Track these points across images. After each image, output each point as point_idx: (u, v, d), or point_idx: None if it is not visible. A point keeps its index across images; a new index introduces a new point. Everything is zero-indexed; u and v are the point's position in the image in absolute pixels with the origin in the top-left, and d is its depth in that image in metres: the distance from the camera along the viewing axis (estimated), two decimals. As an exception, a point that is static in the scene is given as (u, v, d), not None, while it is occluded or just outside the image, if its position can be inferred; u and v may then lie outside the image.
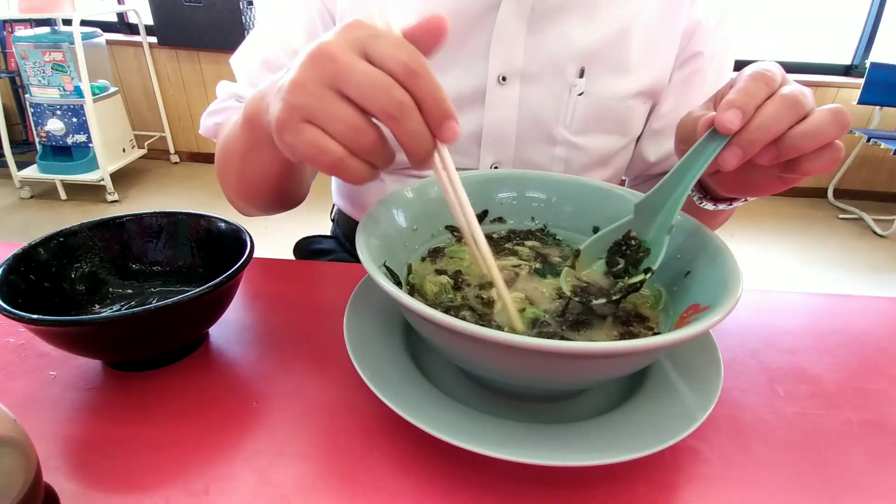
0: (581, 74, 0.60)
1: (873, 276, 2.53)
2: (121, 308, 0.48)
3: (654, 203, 0.43)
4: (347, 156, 0.33)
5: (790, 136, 0.36)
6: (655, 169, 0.70)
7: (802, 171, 0.38)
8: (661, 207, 0.42)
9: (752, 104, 0.36)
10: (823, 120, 0.36)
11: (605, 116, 0.63)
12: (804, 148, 0.36)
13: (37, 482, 0.27)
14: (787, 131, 0.36)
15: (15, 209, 2.76)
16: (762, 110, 0.36)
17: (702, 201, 0.50)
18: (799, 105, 0.36)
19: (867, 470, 0.39)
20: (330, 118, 0.33)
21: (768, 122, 0.36)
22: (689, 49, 0.63)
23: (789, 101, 0.36)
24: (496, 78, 0.60)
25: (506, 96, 0.61)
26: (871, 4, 3.06)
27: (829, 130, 0.36)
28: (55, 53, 2.60)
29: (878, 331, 0.55)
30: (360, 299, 0.46)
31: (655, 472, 0.37)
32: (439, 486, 0.35)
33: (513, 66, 0.60)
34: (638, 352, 0.32)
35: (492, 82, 0.60)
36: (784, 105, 0.36)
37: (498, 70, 0.59)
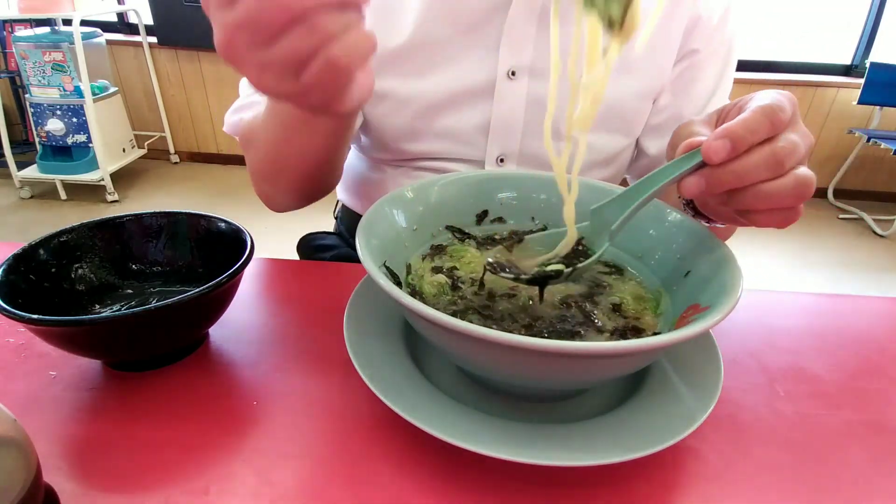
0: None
1: (873, 276, 2.53)
2: (121, 308, 0.48)
3: (610, 210, 0.42)
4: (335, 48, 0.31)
5: (747, 192, 0.35)
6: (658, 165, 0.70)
7: (752, 222, 0.38)
8: (614, 217, 0.41)
9: (747, 142, 0.35)
10: (783, 187, 0.35)
11: (609, 115, 0.64)
12: (752, 205, 0.36)
13: (37, 482, 0.27)
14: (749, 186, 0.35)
15: (15, 209, 2.76)
16: (746, 157, 0.35)
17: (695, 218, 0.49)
18: (780, 165, 0.35)
19: (867, 470, 0.39)
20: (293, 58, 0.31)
21: (744, 170, 0.35)
22: (687, 46, 0.63)
23: (776, 158, 0.35)
24: (506, 72, 0.61)
25: (514, 90, 0.62)
26: (871, 4, 3.06)
27: (784, 198, 0.35)
28: (55, 53, 2.60)
29: (878, 331, 0.55)
30: (360, 299, 0.46)
31: (655, 472, 0.37)
32: (439, 486, 0.35)
33: (522, 62, 0.60)
34: (638, 352, 0.32)
35: (501, 76, 0.61)
36: (769, 161, 0.35)
37: (507, 65, 0.60)
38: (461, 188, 0.52)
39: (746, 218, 0.38)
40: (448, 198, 0.50)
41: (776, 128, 0.35)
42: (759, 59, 3.07)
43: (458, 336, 0.32)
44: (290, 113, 0.52)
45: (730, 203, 0.37)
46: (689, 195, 0.37)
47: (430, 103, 0.63)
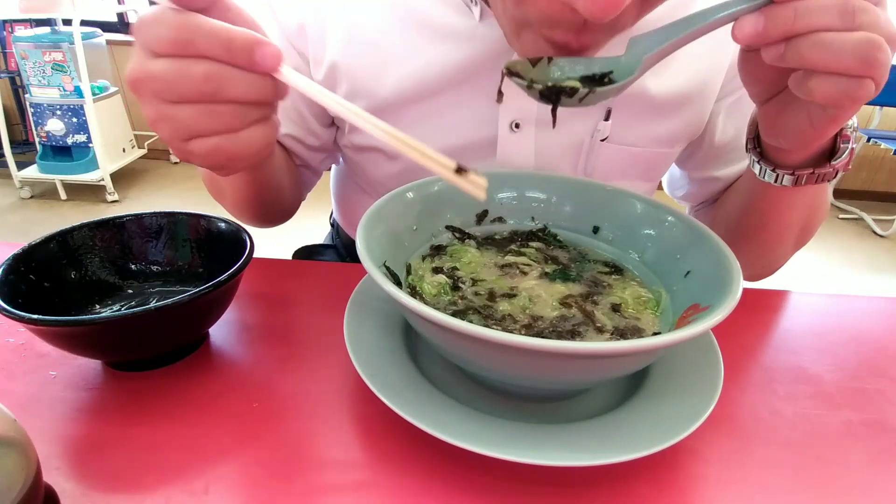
0: (606, 117, 0.55)
1: (873, 276, 2.53)
2: (121, 308, 0.48)
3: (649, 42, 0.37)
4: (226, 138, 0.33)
5: (806, 40, 0.31)
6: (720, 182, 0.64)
7: (807, 92, 0.33)
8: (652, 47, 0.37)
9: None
10: (847, 40, 0.30)
11: (631, 162, 0.59)
12: (811, 60, 0.31)
13: (37, 482, 0.27)
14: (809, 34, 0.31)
15: (15, 209, 2.76)
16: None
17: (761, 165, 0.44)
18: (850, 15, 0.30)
19: (867, 470, 0.39)
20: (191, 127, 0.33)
21: (810, 9, 0.31)
22: (736, 82, 0.55)
23: (847, 6, 0.30)
24: (508, 125, 0.56)
25: (519, 144, 0.57)
26: (871, 4, 3.05)
27: (847, 56, 0.30)
28: (55, 53, 2.60)
29: (878, 331, 0.55)
30: (360, 299, 0.46)
31: (655, 472, 0.37)
32: (439, 486, 0.35)
33: (527, 113, 0.55)
34: (638, 352, 0.32)
35: (503, 130, 0.56)
36: (838, 7, 0.30)
37: (510, 117, 0.55)
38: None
39: (805, 91, 0.33)
40: (448, 198, 0.50)
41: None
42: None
43: (458, 336, 0.32)
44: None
45: (785, 58, 0.33)
46: (744, 37, 0.33)
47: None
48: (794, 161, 0.44)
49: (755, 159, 0.46)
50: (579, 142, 0.57)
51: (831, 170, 0.44)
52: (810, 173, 0.44)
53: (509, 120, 0.56)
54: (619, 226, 0.51)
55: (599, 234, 0.51)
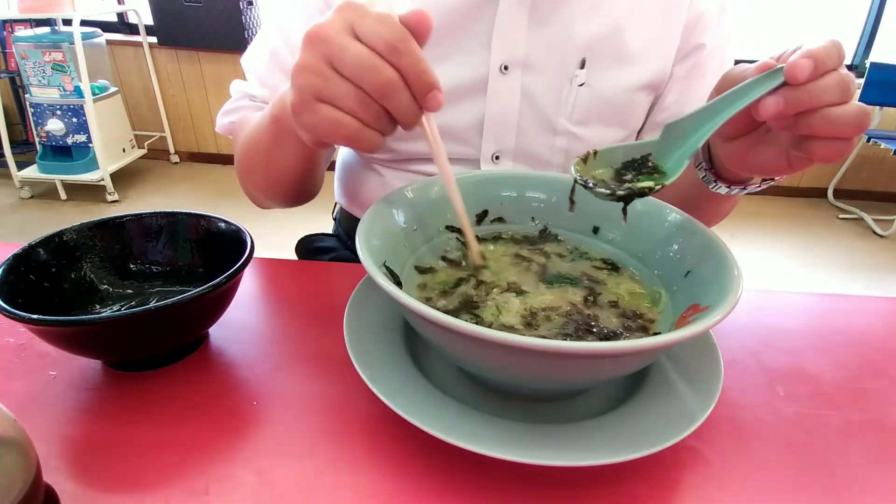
0: (582, 65, 0.61)
1: (873, 276, 2.52)
2: (121, 308, 0.48)
3: (685, 127, 0.41)
4: (361, 127, 0.36)
5: (818, 114, 0.36)
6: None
7: (808, 151, 0.38)
8: (690, 133, 0.41)
9: (825, 65, 0.36)
10: (848, 114, 0.36)
11: (606, 108, 0.64)
12: (818, 130, 0.37)
13: (37, 482, 0.27)
14: (819, 109, 0.36)
15: (15, 209, 2.76)
16: (823, 78, 0.36)
17: (716, 184, 0.50)
18: (847, 91, 0.36)
19: (867, 470, 0.39)
20: (337, 95, 0.36)
21: (820, 91, 0.36)
22: (692, 41, 0.63)
23: (844, 84, 0.36)
24: (498, 67, 0.60)
25: (508, 85, 0.61)
26: (871, 4, 3.06)
27: (847, 125, 0.36)
28: (55, 53, 2.60)
29: (878, 331, 0.55)
30: (360, 299, 0.46)
31: (655, 472, 0.37)
32: (439, 486, 0.35)
33: (514, 56, 0.60)
34: (638, 352, 0.32)
35: (494, 71, 0.60)
36: (840, 84, 0.36)
37: (500, 59, 0.60)
38: (461, 188, 0.51)
39: (803, 149, 0.39)
40: (448, 198, 0.50)
41: (839, 60, 0.37)
42: (758, 59, 3.06)
43: (458, 336, 0.32)
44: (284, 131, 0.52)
45: (795, 127, 0.38)
46: (767, 114, 0.37)
47: None
48: (743, 178, 0.49)
49: (711, 178, 0.50)
50: (559, 86, 0.62)
51: (774, 183, 0.49)
52: (758, 185, 0.49)
53: (499, 62, 0.60)
54: (619, 226, 0.50)
55: (599, 235, 0.52)
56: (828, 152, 0.38)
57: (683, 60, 0.64)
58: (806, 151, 0.39)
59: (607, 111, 0.64)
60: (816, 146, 0.38)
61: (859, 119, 0.36)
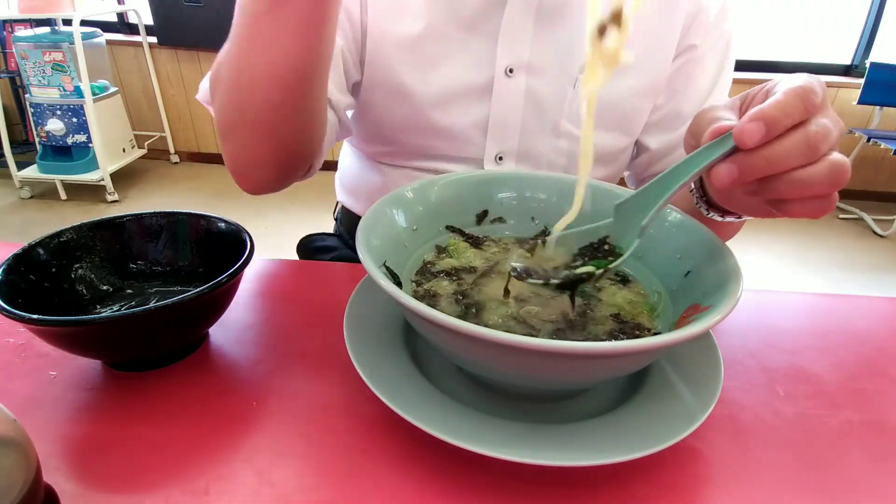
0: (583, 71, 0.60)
1: (873, 276, 2.53)
2: (121, 308, 0.48)
3: (635, 205, 0.40)
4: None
5: (781, 179, 0.33)
6: (660, 164, 0.70)
7: (785, 213, 0.36)
8: (641, 210, 0.39)
9: (781, 125, 0.32)
10: (818, 174, 0.33)
11: (608, 113, 0.64)
12: (785, 193, 0.34)
13: (37, 482, 0.27)
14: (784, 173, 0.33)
15: (15, 209, 2.76)
16: (780, 140, 0.33)
17: (709, 212, 0.48)
18: (815, 149, 0.33)
19: (867, 470, 0.39)
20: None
21: (778, 156, 0.33)
22: (684, 41, 0.63)
23: (810, 143, 0.32)
24: (504, 70, 0.61)
25: (512, 88, 0.62)
26: (871, 4, 3.06)
27: (818, 185, 0.33)
28: (55, 53, 2.60)
29: (878, 331, 0.55)
30: (360, 299, 0.46)
31: (655, 472, 0.37)
32: (439, 486, 0.35)
33: (520, 59, 0.61)
34: (638, 352, 0.32)
35: (499, 74, 0.61)
36: (804, 143, 0.32)
37: (505, 62, 0.61)
38: (461, 188, 0.52)
39: (778, 208, 0.36)
40: (448, 198, 0.50)
41: (809, 112, 0.33)
42: (759, 59, 3.07)
43: (458, 336, 0.32)
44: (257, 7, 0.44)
45: (761, 192, 0.35)
46: (721, 185, 0.34)
47: (429, 99, 0.63)
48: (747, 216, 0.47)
49: (705, 207, 0.48)
50: (563, 89, 0.63)
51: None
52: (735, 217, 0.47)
53: (505, 65, 0.61)
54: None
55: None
56: (807, 211, 0.35)
57: (676, 59, 0.64)
58: (784, 212, 0.36)
59: (609, 116, 0.64)
60: (793, 208, 0.35)
61: (833, 177, 0.33)
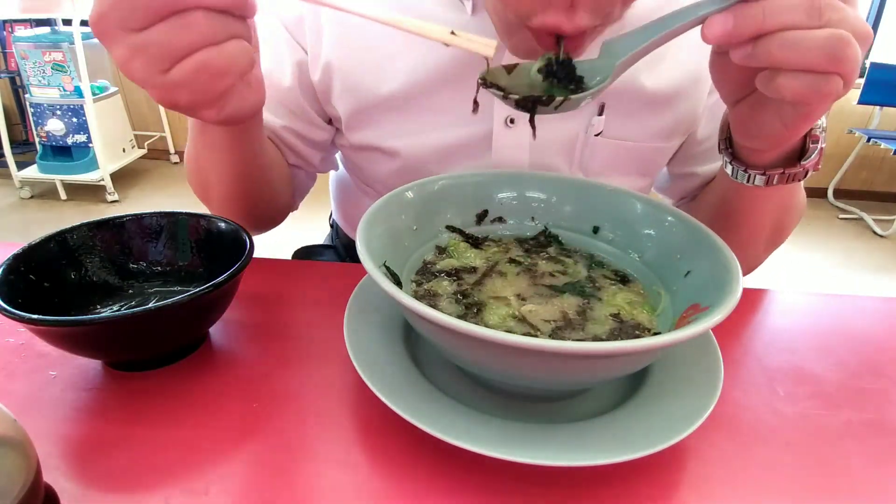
0: (600, 112, 0.56)
1: (873, 276, 2.53)
2: (121, 308, 0.48)
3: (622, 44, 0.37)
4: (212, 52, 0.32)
5: (773, 38, 0.31)
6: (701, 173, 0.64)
7: (775, 90, 0.33)
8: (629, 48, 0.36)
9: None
10: (814, 38, 0.30)
11: (626, 157, 0.59)
12: (776, 57, 0.31)
13: (37, 482, 0.27)
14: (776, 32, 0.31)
15: (15, 209, 2.76)
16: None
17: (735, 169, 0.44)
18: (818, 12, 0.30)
19: (867, 470, 0.39)
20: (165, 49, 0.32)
21: (776, 9, 0.31)
22: None
23: (814, 6, 0.30)
24: (503, 120, 0.56)
25: (514, 139, 0.57)
26: (871, 4, 3.06)
27: (813, 53, 0.30)
28: (55, 53, 2.60)
29: (878, 331, 0.55)
30: (360, 299, 0.46)
31: (655, 472, 0.37)
32: (439, 486, 0.35)
33: None
34: (638, 352, 0.32)
35: (498, 125, 0.56)
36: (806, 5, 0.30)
37: (505, 112, 0.55)
38: (461, 188, 0.52)
39: (773, 89, 0.33)
40: (448, 198, 0.50)
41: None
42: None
43: (458, 336, 0.32)
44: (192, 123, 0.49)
45: (753, 57, 0.32)
46: (714, 37, 0.33)
47: (421, 158, 0.59)
48: (766, 161, 0.45)
49: (727, 160, 0.46)
50: (573, 136, 0.57)
51: (801, 170, 0.44)
52: (781, 173, 0.44)
53: (504, 115, 0.56)
54: (619, 226, 0.50)
55: (599, 234, 0.51)
56: (798, 88, 0.32)
57: (713, 92, 0.58)
58: (774, 90, 0.33)
59: (627, 160, 0.59)
60: (783, 80, 0.32)
61: (830, 45, 0.30)
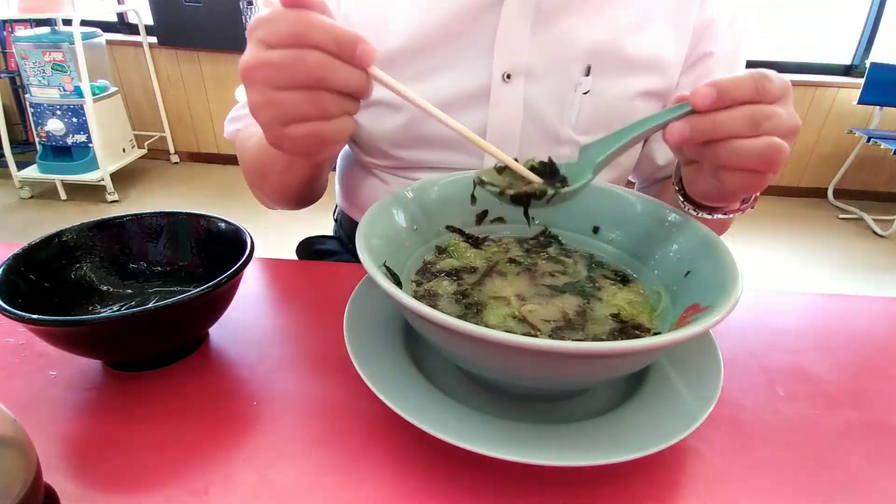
0: (587, 72, 0.60)
1: (873, 276, 2.53)
2: (121, 308, 0.48)
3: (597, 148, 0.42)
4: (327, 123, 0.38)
5: (720, 145, 0.37)
6: (664, 171, 0.70)
7: (720, 181, 0.40)
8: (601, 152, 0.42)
9: (731, 96, 0.37)
10: (753, 147, 0.37)
11: (611, 116, 0.62)
12: (724, 160, 0.38)
13: (37, 482, 0.27)
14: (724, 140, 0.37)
15: (15, 209, 2.76)
16: (728, 111, 0.37)
17: (696, 211, 0.49)
18: (756, 125, 0.37)
19: (867, 470, 0.39)
20: (291, 110, 0.37)
21: (724, 122, 0.37)
22: (699, 49, 0.62)
23: (753, 117, 0.37)
24: (501, 76, 0.59)
25: (510, 94, 0.60)
26: (871, 4, 3.06)
27: (752, 158, 0.37)
28: (55, 53, 2.60)
29: (878, 331, 0.55)
30: (360, 299, 0.46)
31: (655, 472, 0.37)
32: (439, 486, 0.35)
33: (518, 64, 0.58)
34: (638, 352, 0.32)
35: (496, 80, 0.59)
36: (745, 117, 0.37)
37: (502, 68, 0.58)
38: (461, 188, 0.51)
39: (718, 177, 0.40)
40: (448, 198, 0.50)
41: (760, 94, 0.37)
42: (759, 59, 3.07)
43: (458, 336, 0.32)
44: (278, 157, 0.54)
45: (704, 156, 0.39)
46: (673, 140, 0.39)
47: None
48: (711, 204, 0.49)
49: (680, 198, 0.50)
50: (563, 94, 0.61)
51: (739, 211, 0.50)
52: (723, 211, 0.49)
53: (502, 71, 0.59)
54: (619, 226, 0.51)
55: (599, 234, 0.51)
56: (737, 183, 0.39)
57: (691, 69, 0.63)
58: (719, 181, 0.40)
59: (612, 119, 0.63)
60: (727, 177, 0.39)
61: (767, 153, 0.37)
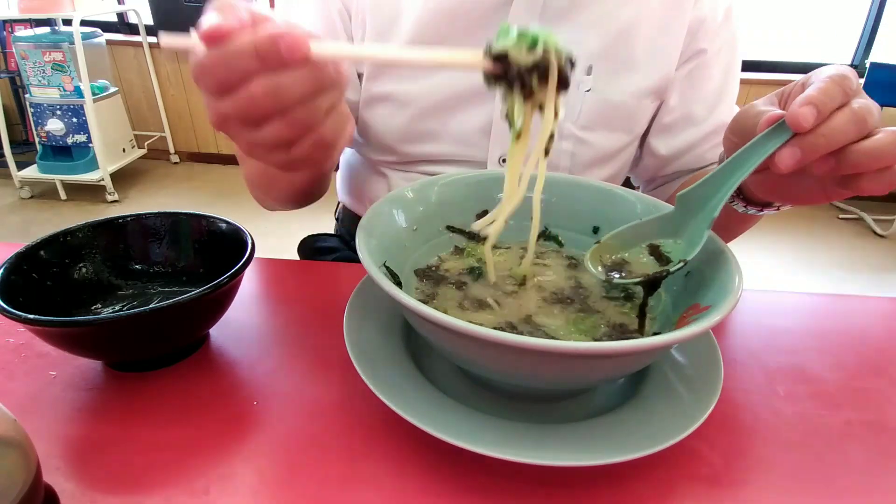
0: (588, 72, 0.62)
1: (873, 276, 2.52)
2: (122, 308, 0.48)
3: (699, 195, 0.41)
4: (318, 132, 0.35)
5: (853, 151, 0.35)
6: (670, 167, 0.71)
7: (859, 189, 0.37)
8: (707, 200, 0.41)
9: (829, 107, 0.35)
10: (887, 142, 0.35)
11: (612, 113, 0.65)
12: (864, 166, 0.36)
13: (37, 482, 0.27)
14: (850, 146, 0.35)
15: (15, 209, 2.76)
16: (832, 119, 0.35)
17: (733, 201, 0.48)
18: (864, 122, 0.35)
19: (867, 470, 0.39)
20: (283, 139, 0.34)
21: (834, 131, 0.35)
22: (693, 46, 0.64)
23: (858, 116, 0.35)
24: None
25: None
26: (871, 4, 3.05)
27: (891, 153, 0.35)
28: (55, 53, 2.60)
29: (878, 331, 0.55)
30: (360, 299, 0.46)
31: (655, 472, 0.37)
32: (439, 486, 0.35)
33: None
34: (638, 352, 0.32)
35: None
36: (853, 119, 0.35)
37: None
38: (461, 188, 0.52)
39: (848, 186, 0.38)
40: (448, 198, 0.50)
41: (848, 95, 0.36)
42: (759, 59, 3.07)
43: (458, 336, 0.32)
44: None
45: (839, 168, 0.36)
46: (786, 168, 0.36)
47: (430, 105, 0.63)
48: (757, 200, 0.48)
49: (742, 205, 0.49)
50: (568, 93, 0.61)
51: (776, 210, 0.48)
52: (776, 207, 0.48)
53: None
54: (619, 226, 0.50)
55: (599, 234, 0.51)
56: (878, 185, 0.36)
57: (684, 64, 0.65)
58: (855, 189, 0.38)
59: (613, 116, 0.65)
60: (866, 182, 0.37)
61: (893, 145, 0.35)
